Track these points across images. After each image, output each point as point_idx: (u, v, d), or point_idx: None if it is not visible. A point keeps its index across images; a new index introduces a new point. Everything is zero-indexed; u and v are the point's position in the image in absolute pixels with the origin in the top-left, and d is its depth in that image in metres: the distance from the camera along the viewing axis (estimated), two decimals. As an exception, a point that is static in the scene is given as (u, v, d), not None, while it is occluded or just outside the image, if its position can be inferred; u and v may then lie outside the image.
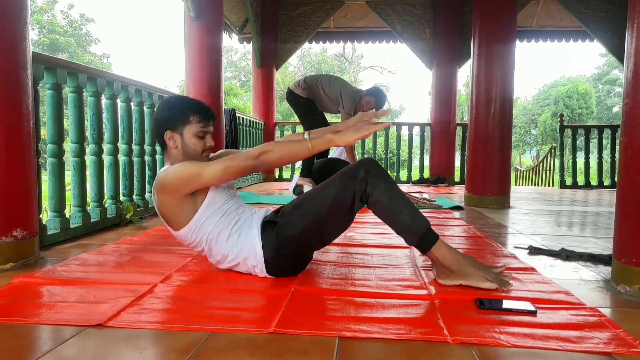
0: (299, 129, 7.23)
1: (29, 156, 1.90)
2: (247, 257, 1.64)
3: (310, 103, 4.18)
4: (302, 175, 4.29)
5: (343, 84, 4.27)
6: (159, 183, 1.61)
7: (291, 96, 4.20)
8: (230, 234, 1.65)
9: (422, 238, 1.58)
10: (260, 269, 1.65)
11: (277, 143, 1.61)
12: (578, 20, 6.19)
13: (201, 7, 4.16)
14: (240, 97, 19.71)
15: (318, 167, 4.31)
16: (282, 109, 22.26)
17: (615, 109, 29.79)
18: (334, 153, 5.48)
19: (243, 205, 1.77)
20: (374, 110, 4.23)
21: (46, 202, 2.41)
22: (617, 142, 6.31)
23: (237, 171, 1.56)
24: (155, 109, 1.71)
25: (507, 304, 1.40)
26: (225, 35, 6.00)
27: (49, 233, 2.23)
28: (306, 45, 7.48)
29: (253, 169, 1.57)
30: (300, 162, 4.61)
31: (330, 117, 6.56)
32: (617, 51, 6.12)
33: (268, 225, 1.65)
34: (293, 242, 1.63)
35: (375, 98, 4.17)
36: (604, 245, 2.40)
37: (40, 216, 2.11)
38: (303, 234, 1.61)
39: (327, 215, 1.60)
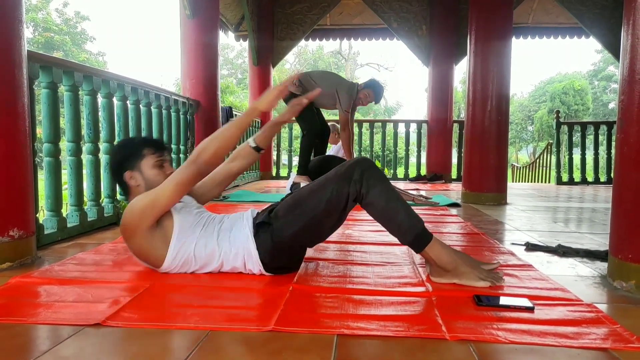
0: (296, 126, 7.23)
1: (25, 155, 1.89)
2: (243, 258, 1.64)
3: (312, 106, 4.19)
4: (299, 173, 4.29)
5: (338, 80, 4.26)
6: (122, 229, 1.61)
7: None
8: (220, 241, 1.65)
9: (416, 237, 1.58)
10: (258, 269, 1.65)
11: (209, 138, 1.61)
12: (574, 16, 6.20)
13: (197, 4, 4.15)
14: (236, 95, 19.67)
15: (314, 164, 4.31)
16: (279, 107, 22.22)
17: (611, 105, 29.89)
18: (331, 151, 5.47)
19: (218, 216, 1.76)
20: (373, 103, 4.25)
21: (43, 202, 2.40)
22: (613, 138, 6.32)
23: (185, 181, 1.55)
24: (110, 158, 1.74)
25: (504, 300, 1.41)
26: (221, 33, 5.98)
27: (45, 232, 2.23)
28: (302, 42, 7.49)
29: (198, 172, 1.57)
30: (297, 160, 4.61)
31: (327, 115, 6.54)
32: (613, 48, 6.14)
33: (261, 227, 1.64)
34: (288, 244, 1.63)
35: (373, 90, 4.16)
36: (600, 242, 2.42)
37: (37, 215, 2.10)
38: (297, 235, 1.62)
39: (321, 217, 1.60)
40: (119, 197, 2.98)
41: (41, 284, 1.55)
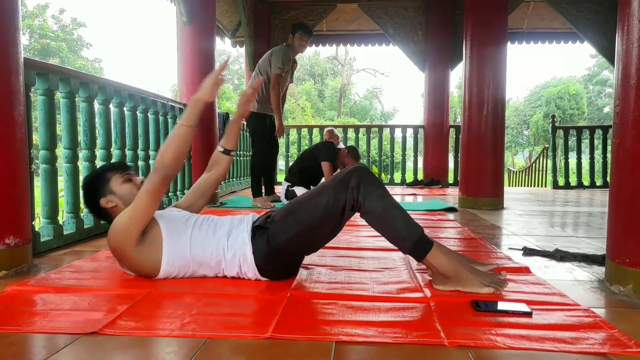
0: (293, 131, 7.24)
1: (21, 162, 1.89)
2: (239, 260, 1.64)
3: (259, 117, 4.01)
4: (253, 195, 4.14)
5: (269, 52, 4.11)
6: (111, 251, 1.66)
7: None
8: (217, 241, 1.65)
9: (416, 246, 1.57)
10: (253, 274, 1.65)
11: (164, 142, 1.63)
12: (568, 22, 6.24)
13: (193, 11, 4.16)
14: (233, 100, 19.69)
15: (295, 167, 4.28)
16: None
17: (606, 110, 30.07)
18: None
19: (216, 217, 1.77)
20: (306, 44, 4.09)
21: (39, 209, 2.39)
22: (609, 142, 6.36)
23: (156, 188, 1.57)
24: (82, 197, 1.81)
25: (502, 305, 1.41)
26: (218, 39, 5.99)
27: (42, 240, 2.22)
28: (299, 48, 7.48)
29: (165, 176, 1.57)
30: (282, 166, 4.57)
31: (324, 121, 6.52)
32: (607, 52, 6.18)
33: (258, 231, 1.65)
34: (283, 249, 1.63)
35: (300, 29, 4.03)
36: (597, 246, 2.42)
37: (33, 223, 2.09)
38: (293, 241, 1.62)
39: (317, 224, 1.60)
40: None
41: (37, 292, 1.54)
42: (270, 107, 4.03)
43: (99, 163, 2.81)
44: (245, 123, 4.28)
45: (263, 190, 4.22)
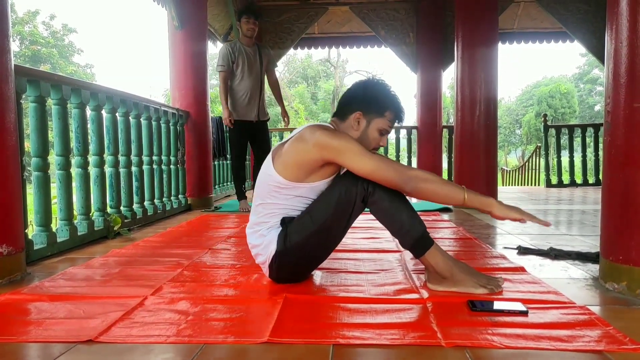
0: (287, 135, 7.23)
1: (13, 170, 1.87)
2: (266, 247, 1.63)
3: (236, 123, 3.89)
4: (238, 198, 4.13)
5: None
6: (319, 134, 1.52)
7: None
8: (275, 221, 1.64)
9: (417, 242, 1.57)
10: (266, 268, 1.66)
11: (435, 176, 1.55)
12: (558, 21, 6.29)
13: (185, 15, 4.15)
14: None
15: None
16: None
17: (597, 108, 30.30)
18: None
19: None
20: (254, 26, 3.80)
21: (32, 216, 2.37)
22: (600, 140, 6.41)
23: (383, 176, 1.50)
24: (358, 83, 1.69)
25: (498, 305, 1.41)
26: (210, 43, 5.98)
27: (35, 248, 2.20)
28: (291, 51, 7.49)
29: (396, 185, 1.51)
30: None
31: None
32: (597, 51, 6.23)
33: (282, 226, 1.64)
34: (299, 248, 1.61)
35: (244, 13, 3.86)
36: (591, 243, 2.44)
37: (26, 231, 2.07)
38: (310, 241, 1.60)
39: (331, 220, 1.59)
40: (109, 210, 2.96)
41: (31, 301, 1.53)
42: (248, 113, 3.89)
43: (91, 169, 2.80)
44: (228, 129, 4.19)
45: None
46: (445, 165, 6.98)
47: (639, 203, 1.52)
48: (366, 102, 1.64)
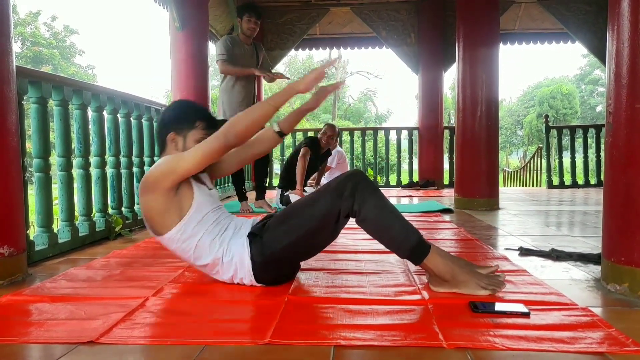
0: (288, 136, 7.23)
1: (14, 171, 1.87)
2: (236, 266, 1.63)
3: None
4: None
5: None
6: (142, 183, 1.60)
7: None
8: (221, 242, 1.63)
9: (413, 251, 1.57)
10: (249, 280, 1.65)
11: (241, 113, 1.60)
12: (559, 22, 6.30)
13: (186, 17, 4.16)
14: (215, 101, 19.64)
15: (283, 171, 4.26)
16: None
17: (599, 109, 30.27)
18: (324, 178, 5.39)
19: (230, 216, 1.77)
20: (255, 26, 3.84)
21: (33, 218, 2.37)
22: (602, 141, 6.40)
23: (212, 152, 1.53)
24: (162, 110, 1.72)
25: (500, 306, 1.41)
26: (211, 44, 5.99)
27: (36, 249, 2.20)
28: (292, 52, 7.50)
29: (226, 145, 1.54)
30: (279, 171, 4.46)
31: (318, 124, 6.53)
32: (598, 52, 6.23)
33: (254, 238, 1.64)
34: (277, 257, 1.62)
35: (247, 11, 3.85)
36: (592, 244, 2.43)
37: (28, 232, 2.07)
38: (287, 249, 1.61)
39: (312, 233, 1.60)
40: (110, 211, 2.96)
41: (33, 302, 1.53)
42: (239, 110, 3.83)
43: (93, 170, 2.80)
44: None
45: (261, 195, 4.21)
46: (446, 166, 6.98)
47: (641, 204, 1.52)
48: (173, 121, 1.68)
